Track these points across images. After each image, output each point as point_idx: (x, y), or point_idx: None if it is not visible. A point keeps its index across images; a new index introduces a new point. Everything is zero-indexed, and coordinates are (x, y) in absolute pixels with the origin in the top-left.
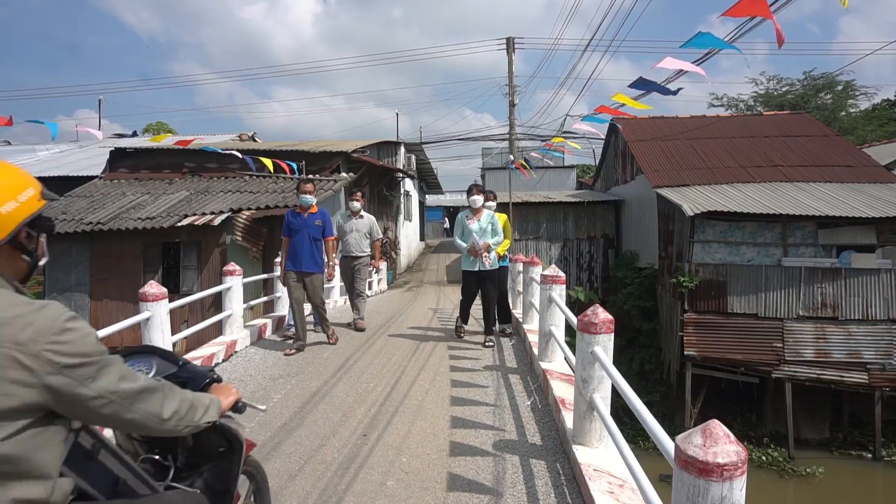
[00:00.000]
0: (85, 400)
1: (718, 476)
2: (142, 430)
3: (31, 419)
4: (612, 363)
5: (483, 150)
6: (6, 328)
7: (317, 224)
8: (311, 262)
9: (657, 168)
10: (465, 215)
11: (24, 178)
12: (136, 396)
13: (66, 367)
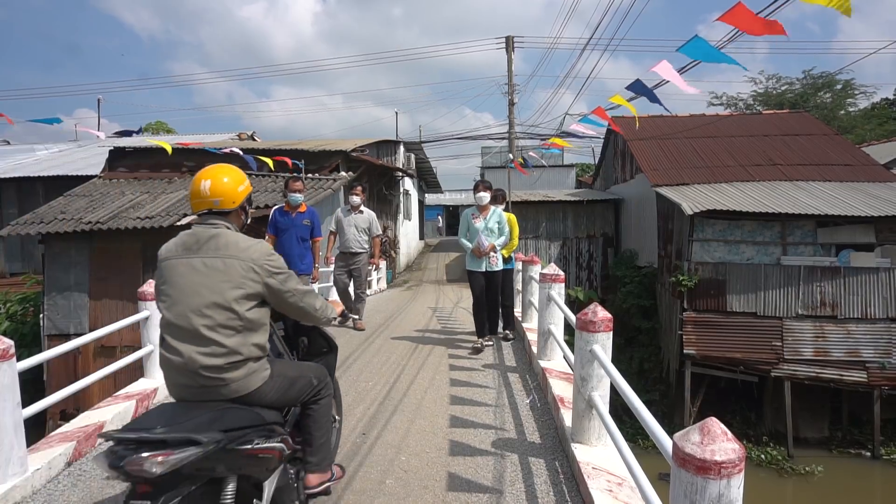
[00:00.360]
0: (282, 293)
1: (716, 474)
2: (303, 316)
3: (258, 301)
4: (610, 362)
5: (482, 148)
6: (246, 252)
7: (305, 224)
8: (299, 264)
9: (656, 167)
10: (471, 213)
11: (244, 174)
12: (304, 294)
13: (274, 274)
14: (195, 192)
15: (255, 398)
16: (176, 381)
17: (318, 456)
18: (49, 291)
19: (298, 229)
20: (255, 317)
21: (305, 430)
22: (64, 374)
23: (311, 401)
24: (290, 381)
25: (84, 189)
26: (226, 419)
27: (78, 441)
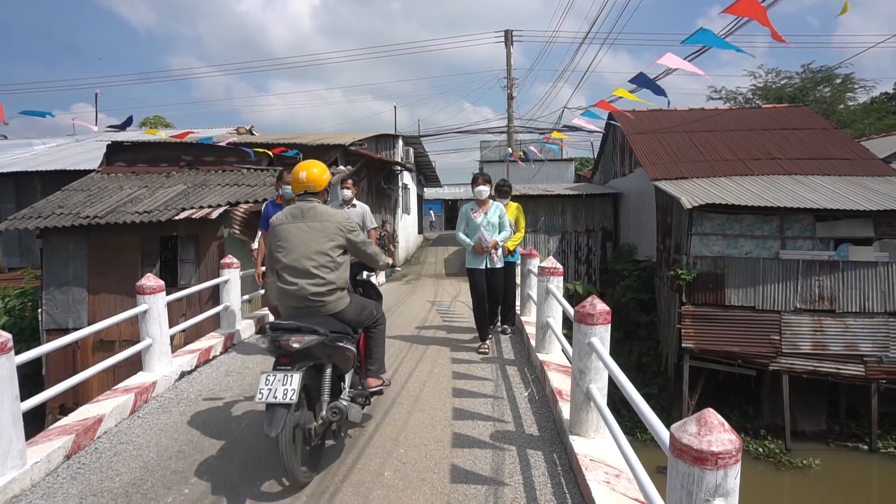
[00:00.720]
0: (355, 243)
1: (713, 464)
2: (368, 259)
3: (342, 250)
4: (608, 354)
5: (481, 143)
6: (333, 217)
7: None
8: None
9: (655, 161)
10: (470, 207)
11: (326, 167)
12: (368, 243)
13: (350, 231)
14: (296, 180)
15: (340, 316)
16: (290, 304)
17: (375, 365)
18: (47, 286)
19: None
20: (341, 260)
21: (367, 347)
22: (63, 368)
23: (371, 325)
24: (361, 307)
25: (82, 183)
26: (327, 325)
27: (77, 434)
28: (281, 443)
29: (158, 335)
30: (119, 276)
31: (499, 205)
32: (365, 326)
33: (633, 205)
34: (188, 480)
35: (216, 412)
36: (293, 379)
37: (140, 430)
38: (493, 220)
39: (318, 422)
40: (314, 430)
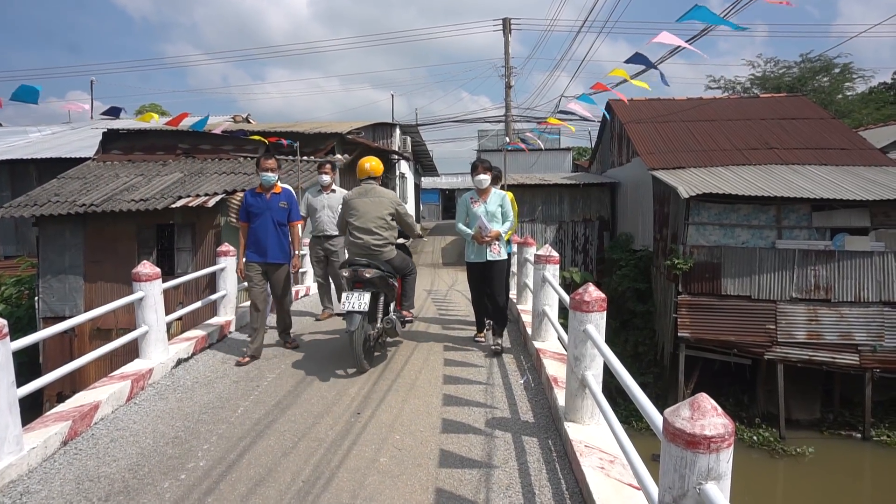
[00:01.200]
0: (401, 214)
1: (706, 448)
2: (408, 228)
3: (392, 217)
4: (604, 341)
5: (479, 132)
6: (387, 195)
7: (282, 206)
8: (277, 252)
9: (653, 150)
10: (470, 197)
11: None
12: (409, 215)
13: (399, 205)
14: (362, 169)
15: (390, 262)
16: (358, 252)
17: (409, 301)
18: (44, 274)
19: (274, 213)
20: (393, 224)
21: (404, 288)
22: (60, 357)
23: (408, 273)
24: (403, 259)
25: (78, 171)
26: (383, 266)
27: (73, 421)
28: (355, 337)
29: (155, 322)
30: (115, 264)
31: (501, 194)
32: (403, 274)
33: (631, 194)
34: (185, 466)
35: (212, 399)
36: (365, 296)
37: (137, 417)
38: (492, 209)
39: (375, 331)
40: (372, 335)
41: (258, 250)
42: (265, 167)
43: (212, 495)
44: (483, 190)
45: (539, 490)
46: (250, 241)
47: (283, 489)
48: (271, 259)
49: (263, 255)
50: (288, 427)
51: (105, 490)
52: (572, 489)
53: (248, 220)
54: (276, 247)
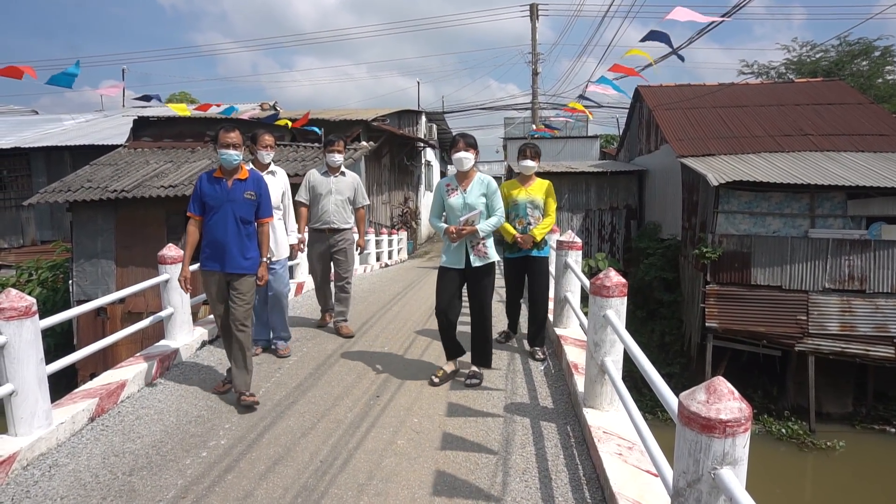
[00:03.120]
0: None
1: (721, 432)
2: None
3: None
4: (624, 327)
5: (505, 119)
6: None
7: (247, 198)
8: (238, 258)
9: (682, 137)
10: (446, 183)
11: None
12: None
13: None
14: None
15: None
16: None
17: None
18: (77, 258)
19: (237, 206)
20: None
21: None
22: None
23: None
24: None
25: (109, 158)
26: None
27: (100, 398)
28: None
29: (180, 304)
30: (145, 248)
31: (486, 179)
32: None
33: (659, 182)
34: (206, 444)
35: None
36: None
37: (161, 396)
38: (472, 200)
39: None
40: None
41: (214, 255)
42: (225, 142)
43: (231, 472)
44: (464, 174)
45: (556, 475)
46: (206, 243)
47: (301, 468)
48: (230, 268)
49: (220, 262)
50: (307, 408)
51: (129, 465)
52: (589, 475)
53: (201, 212)
54: (237, 251)
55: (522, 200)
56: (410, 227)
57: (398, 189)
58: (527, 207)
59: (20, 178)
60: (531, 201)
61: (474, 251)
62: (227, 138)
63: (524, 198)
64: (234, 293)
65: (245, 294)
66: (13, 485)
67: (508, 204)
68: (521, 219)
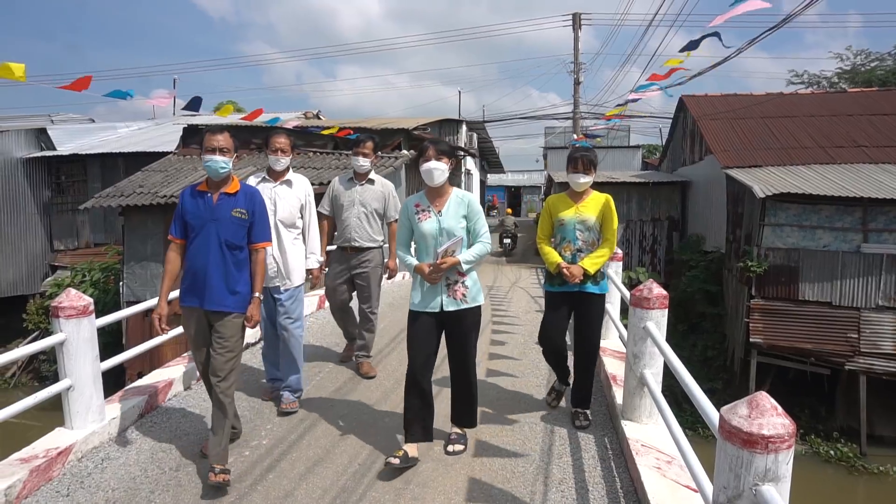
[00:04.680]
0: None
1: (763, 448)
2: None
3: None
4: (664, 339)
5: (546, 129)
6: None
7: (236, 216)
8: (220, 293)
9: (727, 148)
10: (416, 203)
11: None
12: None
13: None
14: None
15: None
16: None
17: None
18: (128, 261)
19: (222, 227)
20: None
21: None
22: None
23: None
24: None
25: (160, 164)
26: None
27: (149, 395)
28: None
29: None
30: None
31: (466, 196)
32: None
33: (703, 194)
34: (249, 443)
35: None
36: None
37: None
38: (450, 225)
39: None
40: None
41: (194, 287)
42: (210, 145)
43: (273, 472)
44: (437, 190)
45: (593, 486)
46: (185, 271)
47: (339, 470)
48: (210, 304)
49: (199, 297)
50: (347, 412)
51: (176, 461)
52: (627, 488)
53: (183, 234)
54: (221, 284)
55: (570, 220)
56: None
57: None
58: (576, 230)
59: (77, 183)
60: (582, 221)
61: (449, 291)
62: (212, 141)
63: (573, 217)
64: (216, 336)
65: (228, 339)
66: (69, 475)
67: (553, 225)
68: (568, 244)
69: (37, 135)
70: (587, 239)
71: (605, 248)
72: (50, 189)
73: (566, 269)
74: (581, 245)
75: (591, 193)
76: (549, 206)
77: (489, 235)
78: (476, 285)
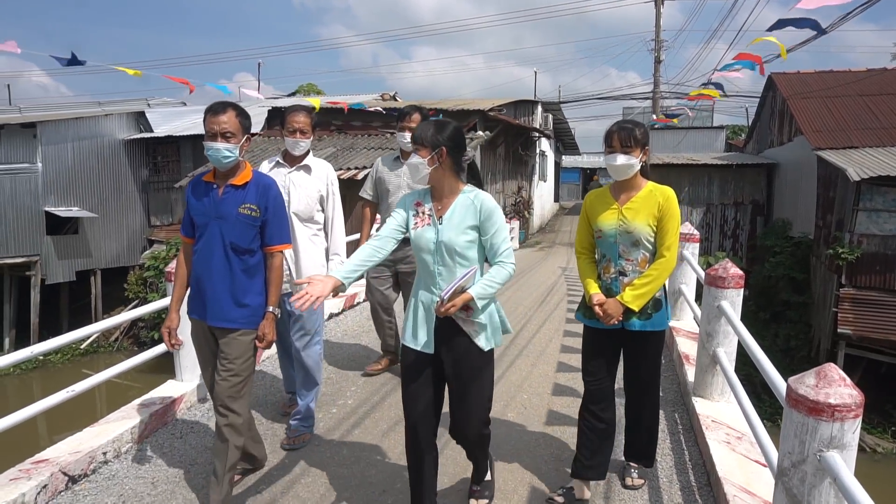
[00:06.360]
0: None
1: (829, 416)
2: None
3: None
4: (739, 319)
5: (624, 109)
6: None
7: (244, 213)
8: (225, 305)
9: (819, 128)
10: (415, 201)
11: None
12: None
13: None
14: None
15: None
16: None
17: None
18: None
19: (227, 226)
20: None
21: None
22: None
23: None
24: None
25: None
26: None
27: None
28: None
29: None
30: None
31: (479, 197)
32: None
33: (791, 177)
34: (336, 402)
35: (358, 350)
36: None
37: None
38: (452, 237)
39: None
40: None
41: (197, 297)
42: (210, 129)
43: (358, 428)
44: (440, 189)
45: (662, 458)
46: (191, 279)
47: None
48: (212, 320)
49: (200, 308)
50: None
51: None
52: (695, 460)
53: (193, 233)
54: (226, 295)
55: (610, 229)
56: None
57: (512, 178)
58: (617, 243)
59: (171, 163)
60: (626, 231)
61: (471, 329)
62: (212, 124)
63: (613, 225)
64: (220, 357)
65: (234, 360)
66: (181, 421)
67: (590, 234)
68: (608, 263)
69: (136, 118)
70: (634, 257)
71: (657, 267)
72: (147, 168)
73: (598, 308)
74: (625, 266)
75: (644, 187)
76: (585, 208)
77: (512, 254)
78: (493, 320)
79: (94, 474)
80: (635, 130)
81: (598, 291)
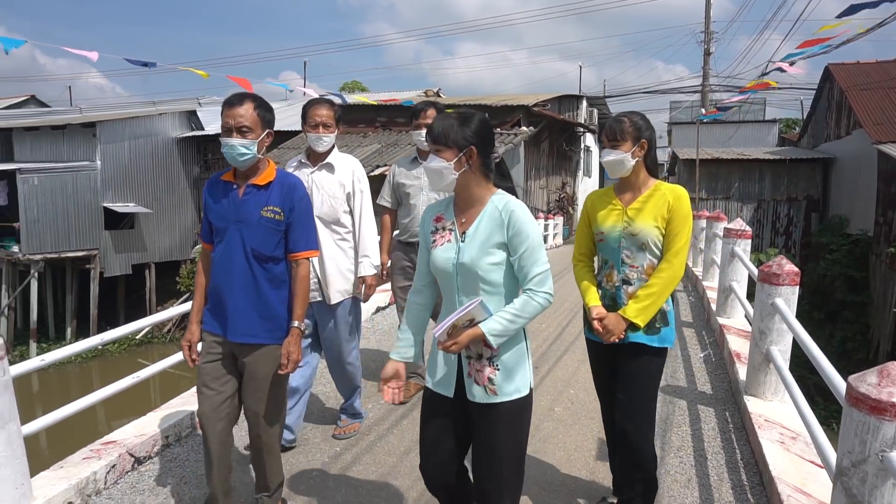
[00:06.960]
0: None
1: (892, 415)
2: None
3: None
4: (794, 317)
5: (671, 103)
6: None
7: (268, 216)
8: (247, 318)
9: (880, 121)
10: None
11: None
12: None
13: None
14: None
15: None
16: None
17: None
18: None
19: (247, 230)
20: None
21: None
22: None
23: None
24: None
25: (293, 142)
26: None
27: None
28: None
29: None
30: None
31: (510, 205)
32: None
33: (848, 172)
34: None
35: None
36: None
37: None
38: (472, 259)
39: None
40: None
41: (216, 309)
42: (226, 124)
43: (406, 419)
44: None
45: (712, 455)
46: (210, 290)
47: None
48: (234, 335)
49: (221, 324)
50: None
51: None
52: (747, 459)
53: (212, 239)
54: (249, 308)
55: (614, 231)
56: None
57: (556, 174)
58: (621, 247)
59: (221, 160)
60: (631, 233)
61: (471, 369)
62: (227, 118)
63: (616, 227)
64: (247, 376)
65: (262, 380)
66: None
67: (590, 238)
68: (611, 270)
69: (188, 116)
70: (640, 263)
71: (661, 276)
72: (199, 165)
73: (597, 323)
74: (629, 273)
75: (650, 186)
76: (586, 209)
77: (549, 279)
78: (521, 363)
79: (157, 456)
80: (624, 123)
81: (597, 304)
